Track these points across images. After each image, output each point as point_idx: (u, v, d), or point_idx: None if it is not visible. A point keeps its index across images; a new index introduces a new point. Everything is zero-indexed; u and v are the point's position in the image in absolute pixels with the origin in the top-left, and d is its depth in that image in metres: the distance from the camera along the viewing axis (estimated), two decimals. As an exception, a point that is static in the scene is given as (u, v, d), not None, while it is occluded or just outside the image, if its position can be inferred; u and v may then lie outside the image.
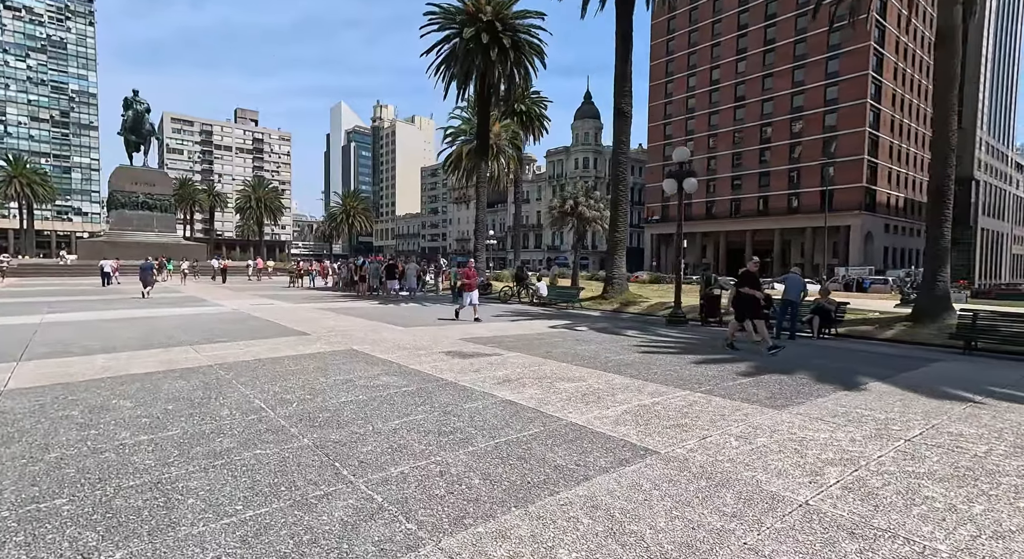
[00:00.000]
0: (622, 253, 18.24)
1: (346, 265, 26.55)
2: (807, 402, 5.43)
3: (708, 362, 7.90)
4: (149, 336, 9.81)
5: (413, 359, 7.76)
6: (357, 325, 11.96)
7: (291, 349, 8.54)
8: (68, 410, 5.01)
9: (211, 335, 10.03)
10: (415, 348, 8.79)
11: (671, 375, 6.79)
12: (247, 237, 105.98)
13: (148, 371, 6.77)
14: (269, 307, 16.36)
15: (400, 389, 5.87)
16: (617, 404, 5.25)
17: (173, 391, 5.75)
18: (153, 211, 47.94)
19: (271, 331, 10.74)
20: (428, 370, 6.94)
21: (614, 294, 17.87)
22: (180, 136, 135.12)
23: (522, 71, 24.72)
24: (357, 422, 4.65)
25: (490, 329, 11.71)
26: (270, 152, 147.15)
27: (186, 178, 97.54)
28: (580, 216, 39.18)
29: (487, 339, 10.01)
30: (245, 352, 8.22)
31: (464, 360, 7.71)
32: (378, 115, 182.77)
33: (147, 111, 49.39)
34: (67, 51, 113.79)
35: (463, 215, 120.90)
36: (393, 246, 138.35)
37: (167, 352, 8.18)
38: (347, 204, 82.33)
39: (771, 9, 64.65)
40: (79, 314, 13.61)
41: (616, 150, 18.13)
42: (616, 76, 17.98)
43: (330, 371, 6.85)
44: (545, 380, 6.36)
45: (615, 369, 7.12)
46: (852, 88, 57.46)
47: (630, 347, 9.32)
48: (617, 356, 8.28)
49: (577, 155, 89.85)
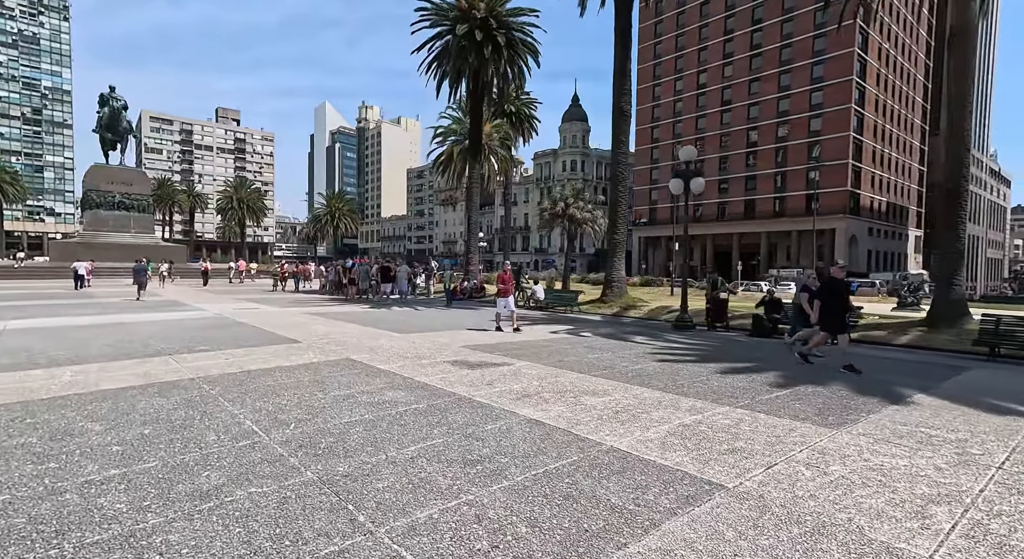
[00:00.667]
0: (621, 255, 17.80)
1: (334, 267, 25.70)
2: (862, 419, 4.95)
3: (733, 372, 7.42)
4: (124, 345, 9.02)
5: (417, 370, 7.14)
6: (350, 331, 11.27)
7: (282, 359, 7.85)
8: (25, 436, 4.31)
9: (192, 343, 9.27)
10: (416, 357, 8.17)
11: (701, 387, 6.28)
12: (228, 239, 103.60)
13: (122, 386, 6.05)
14: (254, 312, 15.54)
15: (410, 406, 5.26)
16: (656, 423, 4.71)
17: (151, 411, 5.05)
18: (130, 211, 46.32)
19: (258, 338, 10.00)
20: (436, 383, 6.33)
21: (613, 298, 17.40)
22: (159, 135, 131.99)
23: (516, 70, 24.21)
24: (367, 449, 4.03)
25: (492, 335, 11.12)
26: (252, 152, 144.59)
27: (165, 178, 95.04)
28: (571, 218, 38.84)
29: (491, 346, 9.42)
30: (231, 363, 7.52)
31: (473, 371, 7.11)
32: (363, 116, 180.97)
33: (124, 108, 47.78)
34: (40, 47, 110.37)
35: (449, 217, 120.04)
36: (378, 248, 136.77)
37: (144, 363, 7.43)
38: (332, 205, 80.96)
39: (757, 14, 65.27)
40: (47, 320, 12.67)
41: (615, 149, 17.70)
42: (615, 74, 17.57)
43: (328, 385, 6.20)
44: (568, 394, 5.80)
45: (639, 381, 6.59)
46: (837, 93, 58.20)
47: (645, 355, 8.81)
48: (635, 365, 7.76)
49: (565, 157, 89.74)
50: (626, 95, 17.38)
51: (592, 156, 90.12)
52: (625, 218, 18.13)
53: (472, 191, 25.93)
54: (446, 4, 23.78)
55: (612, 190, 17.80)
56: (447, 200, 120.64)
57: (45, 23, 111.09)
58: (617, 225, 17.58)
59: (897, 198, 69.93)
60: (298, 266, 29.68)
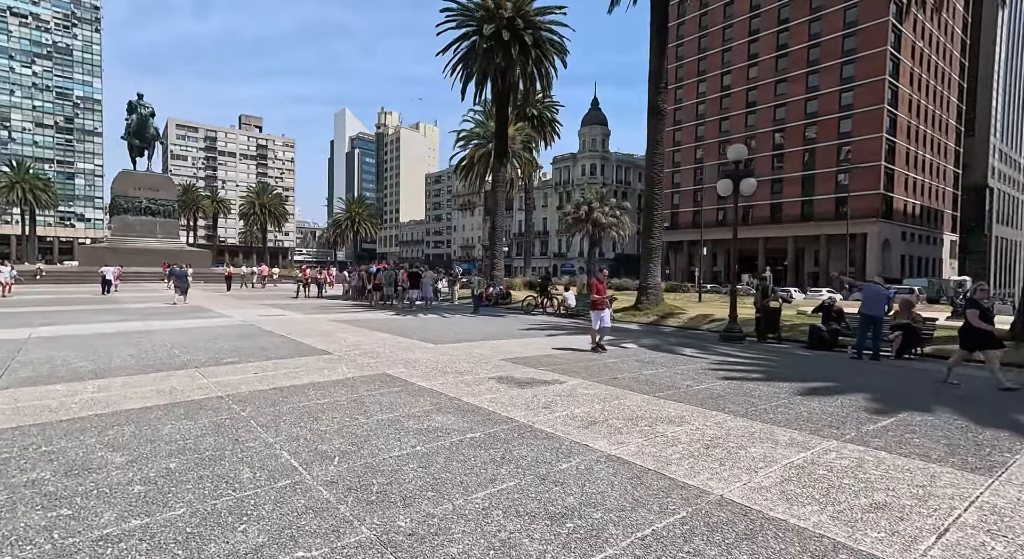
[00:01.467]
0: (657, 261, 17.00)
1: (357, 273, 25.33)
2: (1010, 461, 4.15)
3: (813, 393, 6.63)
4: (148, 355, 8.58)
5: (462, 388, 6.51)
6: (382, 341, 10.71)
7: (314, 373, 7.29)
8: (38, 469, 3.78)
9: (218, 354, 8.80)
10: (457, 372, 7.54)
11: (788, 413, 5.53)
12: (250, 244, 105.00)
13: (146, 405, 5.54)
14: (279, 319, 15.14)
15: (464, 436, 4.62)
16: (760, 464, 3.99)
17: (177, 437, 4.50)
18: (156, 217, 46.92)
19: (286, 349, 9.50)
20: (487, 405, 5.68)
21: (649, 305, 16.61)
22: (184, 142, 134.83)
23: (543, 70, 23.63)
24: (427, 494, 3.40)
25: (529, 347, 10.46)
26: (274, 158, 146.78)
27: (190, 184, 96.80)
28: (595, 222, 38.15)
29: (535, 360, 8.75)
30: (260, 378, 6.98)
31: (523, 390, 6.46)
32: (382, 122, 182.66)
33: (151, 115, 48.51)
34: (72, 57, 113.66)
35: (467, 222, 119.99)
36: (397, 253, 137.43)
37: (168, 377, 6.94)
38: (352, 210, 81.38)
39: (783, 14, 63.84)
40: (73, 327, 12.40)
41: (651, 150, 16.95)
42: (651, 72, 16.85)
43: (368, 406, 5.60)
44: (640, 422, 5.10)
45: (713, 404, 5.86)
46: (868, 93, 56.41)
47: (705, 371, 8.06)
48: (699, 384, 7.02)
49: (584, 162, 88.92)
50: (662, 93, 16.63)
51: (612, 160, 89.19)
52: (661, 221, 17.34)
53: (497, 194, 25.37)
54: (472, 4, 23.36)
55: (647, 193, 17.06)
56: (465, 205, 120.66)
57: (78, 35, 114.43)
58: (653, 229, 16.80)
59: (931, 201, 67.54)
60: (320, 271, 29.30)
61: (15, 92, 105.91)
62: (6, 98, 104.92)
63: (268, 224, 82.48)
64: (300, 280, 25.42)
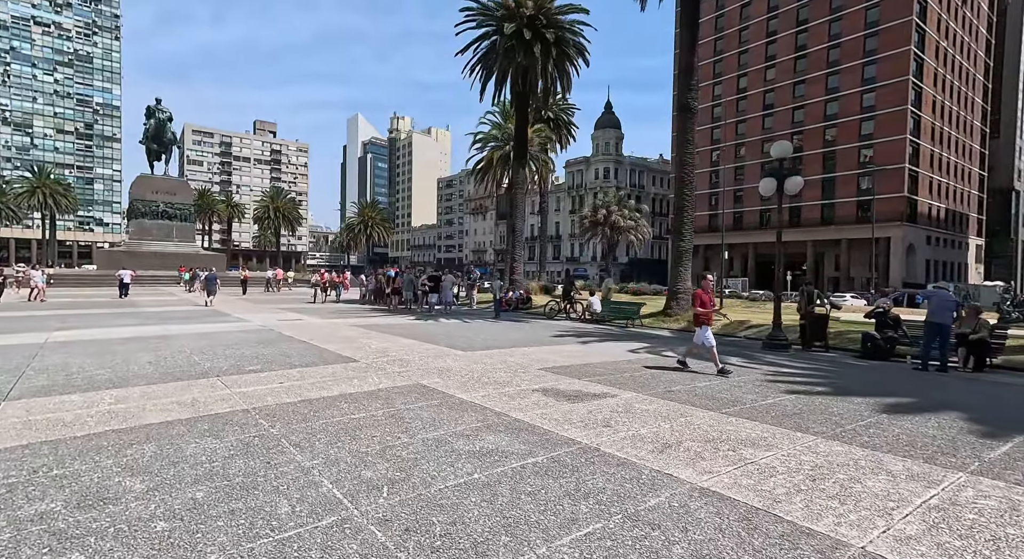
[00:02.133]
0: (687, 265, 16.35)
1: (374, 276, 24.94)
2: None
3: (899, 411, 5.98)
4: (167, 362, 8.14)
5: (505, 401, 5.96)
6: (408, 348, 10.19)
7: (343, 384, 6.78)
8: (48, 499, 3.29)
9: (240, 361, 8.34)
10: (496, 383, 6.99)
11: (883, 436, 4.89)
12: (264, 247, 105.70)
13: (167, 419, 5.05)
14: (299, 323, 14.71)
15: (525, 461, 4.05)
16: (888, 502, 3.37)
17: (202, 458, 4.00)
18: (173, 221, 47.11)
19: (310, 356, 9.02)
20: (539, 422, 5.11)
21: (679, 310, 15.94)
22: (200, 148, 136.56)
23: (564, 70, 23.13)
24: (501, 539, 2.84)
25: (564, 355, 9.88)
26: (287, 163, 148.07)
27: (205, 189, 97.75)
28: (613, 225, 37.49)
29: (575, 370, 8.17)
30: (286, 388, 6.49)
31: (574, 404, 5.88)
32: (395, 127, 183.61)
33: (169, 120, 48.83)
34: (93, 65, 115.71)
35: (479, 226, 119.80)
36: (408, 257, 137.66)
37: (190, 387, 6.47)
38: (365, 214, 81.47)
39: (802, 15, 62.86)
40: (90, 331, 12.06)
41: (681, 149, 16.35)
42: (680, 69, 16.27)
43: (409, 422, 5.06)
44: (719, 445, 4.50)
45: (792, 424, 5.24)
46: (891, 94, 55.19)
47: (764, 383, 7.42)
48: (764, 399, 6.39)
49: (597, 165, 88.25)
50: (693, 90, 16.04)
51: (625, 163, 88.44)
52: (691, 223, 16.69)
53: (516, 196, 24.86)
54: (492, 3, 22.95)
55: (678, 194, 16.43)
56: (477, 209, 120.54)
57: (98, 43, 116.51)
58: (683, 232, 16.16)
59: (956, 205, 65.87)
60: (338, 275, 28.86)
61: (37, 99, 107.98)
62: (29, 105, 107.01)
63: (282, 228, 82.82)
64: (318, 284, 24.63)
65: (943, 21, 59.87)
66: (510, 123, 32.68)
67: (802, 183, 11.03)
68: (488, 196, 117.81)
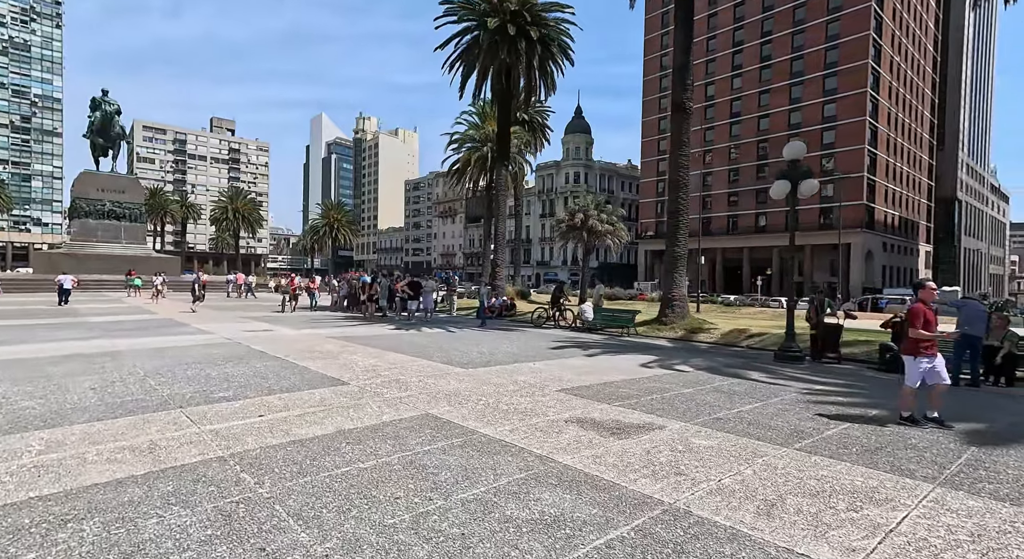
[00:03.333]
0: (682, 271, 15.78)
1: (346, 281, 23.47)
2: None
3: (985, 442, 5.36)
4: (116, 388, 6.79)
5: (540, 437, 5.01)
6: (399, 365, 9.08)
7: (338, 415, 5.67)
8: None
9: (207, 386, 7.07)
10: (519, 412, 6.02)
11: (1005, 479, 4.20)
12: (221, 250, 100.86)
13: (117, 477, 3.86)
14: (270, 335, 13.30)
15: (606, 534, 3.12)
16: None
17: (169, 545, 2.88)
18: (121, 221, 43.85)
19: (291, 377, 7.80)
20: (597, 469, 4.18)
21: (675, 318, 15.35)
22: (152, 145, 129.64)
23: (548, 69, 22.38)
24: None
25: (574, 369, 9.00)
26: (247, 163, 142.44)
27: (158, 188, 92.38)
28: (590, 229, 37.00)
29: (598, 392, 7.29)
30: (270, 424, 5.33)
31: (622, 440, 4.99)
32: (361, 127, 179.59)
33: (117, 113, 45.55)
34: (31, 54, 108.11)
35: (448, 229, 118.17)
36: (375, 260, 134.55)
37: (146, 424, 5.23)
38: (331, 216, 78.70)
39: (767, 26, 64.65)
40: (19, 348, 10.37)
41: (676, 151, 15.80)
42: (675, 67, 15.77)
43: (434, 473, 4.04)
44: (834, 501, 3.68)
45: (887, 465, 4.49)
46: (851, 106, 57.29)
47: (807, 405, 6.74)
48: (828, 428, 5.68)
49: (568, 169, 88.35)
50: (688, 90, 15.54)
51: (595, 168, 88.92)
52: (687, 227, 16.16)
53: (499, 197, 23.90)
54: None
55: (671, 197, 15.89)
56: (446, 212, 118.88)
57: (37, 30, 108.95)
58: (678, 236, 15.60)
59: (908, 213, 69.04)
60: (312, 280, 26.54)
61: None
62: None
63: (242, 230, 79.06)
64: (287, 291, 21.49)
65: (896, 37, 62.73)
66: (488, 124, 31.76)
67: (816, 185, 10.58)
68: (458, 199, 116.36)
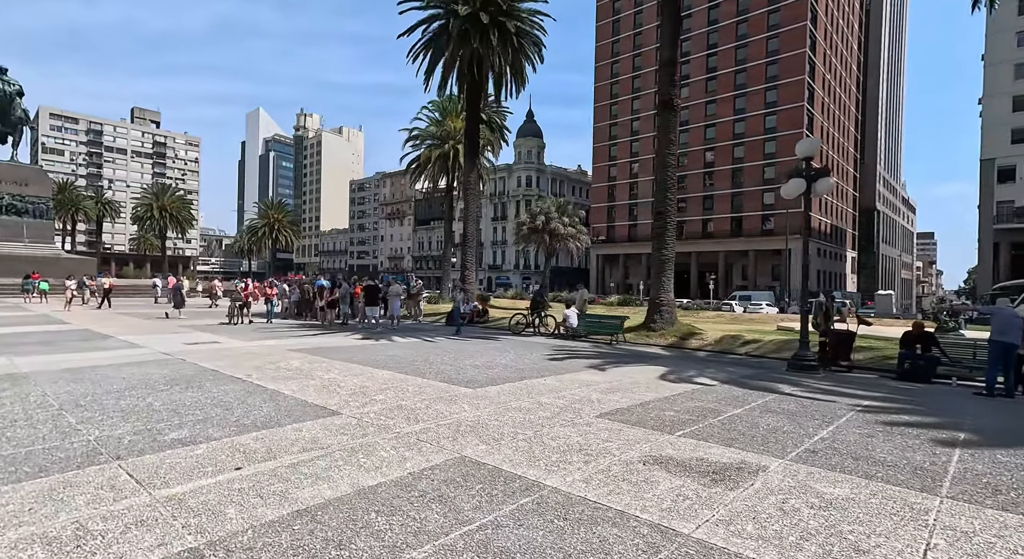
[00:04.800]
0: (670, 275, 15.13)
1: (298, 286, 21.29)
2: None
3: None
4: (18, 430, 4.97)
5: (628, 491, 3.85)
6: (394, 385, 7.63)
7: (346, 463, 4.25)
8: None
9: (151, 422, 5.37)
10: (575, 450, 4.84)
11: None
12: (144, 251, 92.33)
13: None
14: (217, 348, 11.32)
15: None
16: None
17: None
18: (23, 216, 38.61)
19: (263, 406, 6.18)
20: (748, 551, 3.08)
21: (664, 325, 14.67)
22: (61, 135, 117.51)
23: (519, 64, 21.32)
24: None
25: (596, 388, 7.91)
26: (175, 158, 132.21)
27: (68, 182, 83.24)
28: (553, 233, 36.37)
29: (644, 416, 6.23)
30: (253, 481, 3.85)
31: (734, 492, 3.92)
32: (302, 124, 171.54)
33: (19, 94, 40.21)
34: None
35: (396, 231, 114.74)
36: (316, 263, 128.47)
37: (66, 490, 3.61)
38: (271, 216, 73.83)
39: (712, 39, 67.11)
40: None
41: (663, 150, 15.15)
42: (661, 62, 15.16)
43: (537, 568, 2.78)
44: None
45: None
46: (789, 118, 60.38)
47: (878, 427, 5.98)
48: (934, 458, 4.89)
49: (520, 173, 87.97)
50: (675, 86, 14.96)
51: (547, 172, 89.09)
52: (674, 230, 15.54)
53: (468, 197, 22.54)
54: (443, -18, 20.61)
55: (658, 197, 15.23)
56: (394, 214, 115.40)
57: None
58: (665, 239, 14.94)
59: (838, 221, 73.68)
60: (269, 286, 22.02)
61: None
62: None
63: (169, 229, 72.58)
64: (238, 299, 17.46)
65: (827, 56, 66.93)
66: (450, 120, 30.32)
67: (832, 184, 10.10)
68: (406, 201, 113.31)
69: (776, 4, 61.43)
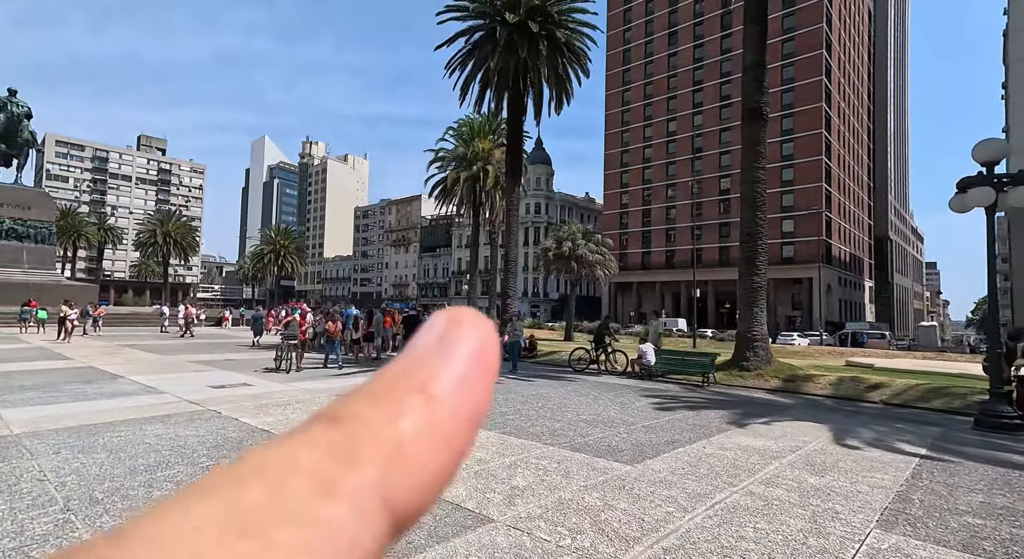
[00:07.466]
0: (763, 305, 13.22)
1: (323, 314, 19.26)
2: None
3: None
4: (7, 530, 2.95)
5: None
6: (521, 459, 5.60)
7: None
8: None
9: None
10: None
11: None
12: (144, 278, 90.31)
13: None
14: (251, 393, 9.26)
15: None
16: None
17: None
18: (24, 241, 36.79)
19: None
20: None
21: (758, 363, 12.67)
22: (66, 162, 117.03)
23: (567, 77, 19.95)
24: None
25: (763, 452, 5.89)
26: (179, 185, 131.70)
27: (70, 208, 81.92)
28: (579, 259, 34.56)
29: (930, 525, 4.22)
30: None
31: None
32: (307, 151, 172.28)
33: (27, 116, 39.03)
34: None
35: (401, 259, 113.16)
36: (319, 291, 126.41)
37: None
38: (277, 242, 72.24)
39: (725, 68, 67.11)
40: None
41: (751, 163, 13.49)
42: (746, 67, 13.68)
43: None
44: None
45: None
46: (808, 145, 59.71)
47: None
48: None
49: (529, 200, 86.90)
50: (764, 94, 13.44)
51: (556, 199, 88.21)
52: (767, 254, 13.71)
53: (510, 219, 20.87)
54: (485, -10, 19.40)
55: (747, 217, 13.49)
56: (399, 241, 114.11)
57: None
58: (758, 263, 13.12)
59: (856, 250, 72.33)
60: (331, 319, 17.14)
61: None
62: None
63: (172, 256, 70.85)
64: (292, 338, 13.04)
65: (841, 84, 66.89)
66: (479, 140, 28.94)
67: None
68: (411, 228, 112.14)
69: (791, 33, 61.64)
